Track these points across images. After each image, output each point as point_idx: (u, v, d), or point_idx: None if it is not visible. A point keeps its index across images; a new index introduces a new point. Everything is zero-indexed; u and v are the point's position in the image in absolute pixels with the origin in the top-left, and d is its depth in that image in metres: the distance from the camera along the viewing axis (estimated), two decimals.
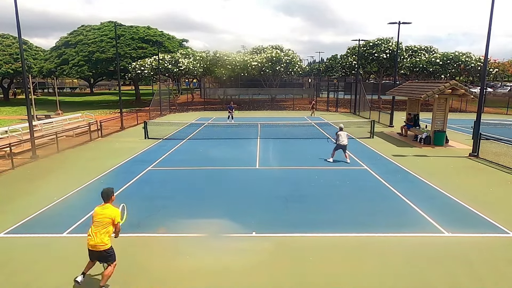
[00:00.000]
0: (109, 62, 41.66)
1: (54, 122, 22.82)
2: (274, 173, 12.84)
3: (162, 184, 11.62)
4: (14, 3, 14.09)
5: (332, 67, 55.30)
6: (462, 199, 9.90)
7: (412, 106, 21.55)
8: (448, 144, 17.80)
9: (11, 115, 34.63)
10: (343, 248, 7.23)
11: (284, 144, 18.38)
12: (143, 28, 46.62)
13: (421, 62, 39.98)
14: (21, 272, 6.40)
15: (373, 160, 14.64)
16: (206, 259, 6.79)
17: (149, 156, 15.55)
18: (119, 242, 7.43)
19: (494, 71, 41.18)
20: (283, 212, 9.13)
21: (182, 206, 9.57)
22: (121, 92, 27.43)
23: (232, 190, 10.95)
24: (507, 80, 62.45)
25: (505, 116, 32.25)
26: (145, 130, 20.26)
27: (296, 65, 39.37)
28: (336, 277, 6.20)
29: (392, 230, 7.98)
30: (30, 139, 15.60)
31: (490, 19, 14.33)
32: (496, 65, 41.59)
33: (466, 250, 7.11)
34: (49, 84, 73.69)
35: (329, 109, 37.56)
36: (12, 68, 46.50)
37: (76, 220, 8.57)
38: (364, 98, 31.27)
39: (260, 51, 47.81)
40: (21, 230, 8.11)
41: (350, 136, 20.66)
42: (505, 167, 13.30)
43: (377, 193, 10.60)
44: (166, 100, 35.81)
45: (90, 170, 13.14)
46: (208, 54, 43.64)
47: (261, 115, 33.02)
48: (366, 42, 40.06)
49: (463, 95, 17.64)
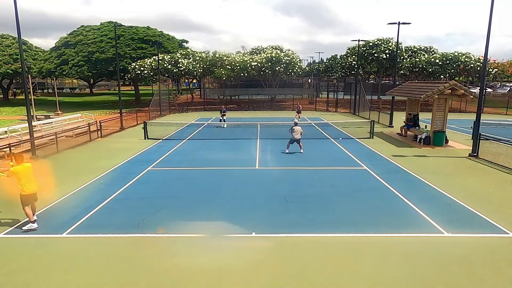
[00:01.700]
0: (108, 62, 41.64)
1: (54, 122, 22.84)
2: (273, 173, 12.84)
3: (161, 185, 11.61)
4: (14, 3, 14.09)
5: (332, 67, 55.35)
6: (461, 199, 9.90)
7: (412, 106, 21.55)
8: (447, 144, 17.81)
9: (11, 116, 34.62)
10: (342, 248, 7.23)
11: (284, 144, 18.35)
12: (142, 29, 46.60)
13: (420, 62, 39.99)
14: (21, 272, 6.40)
15: (373, 160, 14.65)
16: (206, 259, 6.79)
17: (148, 157, 15.55)
18: (119, 242, 7.46)
19: (494, 71, 41.20)
20: (282, 212, 9.12)
21: (182, 207, 9.57)
22: (121, 92, 27.43)
23: (232, 191, 10.94)
24: (507, 81, 62.47)
25: (504, 116, 32.26)
26: (145, 130, 20.25)
27: (296, 65, 39.35)
28: (336, 277, 6.19)
29: (392, 230, 7.99)
30: (29, 140, 15.60)
31: (490, 19, 14.35)
32: (496, 65, 41.63)
33: (466, 250, 7.11)
34: (49, 84, 73.65)
35: (328, 109, 37.58)
36: (12, 69, 46.50)
37: (76, 220, 8.56)
38: (364, 98, 31.28)
39: (259, 51, 47.82)
40: (21, 230, 8.09)
41: (350, 136, 20.72)
42: (505, 167, 13.30)
43: (377, 193, 10.60)
44: (166, 100, 35.77)
45: (89, 170, 13.13)
46: (208, 54, 43.64)
47: (261, 115, 33.02)
48: (366, 42, 40.08)
49: (462, 95, 17.65)
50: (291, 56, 39.66)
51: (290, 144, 16.07)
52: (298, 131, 15.81)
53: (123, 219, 8.67)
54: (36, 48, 54.24)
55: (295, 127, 15.85)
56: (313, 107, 39.00)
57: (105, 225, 8.31)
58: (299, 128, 15.90)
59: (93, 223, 8.47)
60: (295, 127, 15.84)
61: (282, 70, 38.77)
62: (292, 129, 15.89)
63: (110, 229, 8.06)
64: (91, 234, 7.84)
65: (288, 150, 15.94)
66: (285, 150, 16.02)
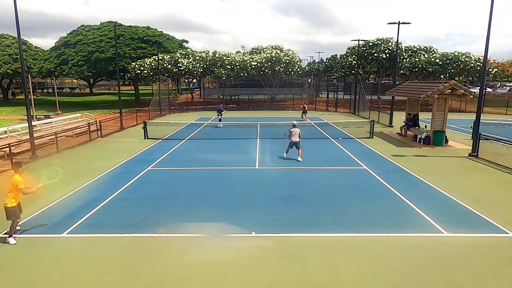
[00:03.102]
0: (108, 62, 41.63)
1: (54, 122, 22.82)
2: (273, 173, 12.84)
3: (161, 184, 11.61)
4: (14, 3, 14.08)
5: (332, 67, 55.30)
6: (461, 199, 9.90)
7: (412, 106, 21.56)
8: (447, 144, 17.82)
9: (11, 115, 34.61)
10: (342, 248, 7.23)
11: (284, 144, 18.34)
12: (142, 28, 46.58)
13: (420, 62, 40.00)
14: (21, 272, 6.40)
15: (373, 160, 14.65)
16: (206, 259, 6.79)
17: (148, 156, 15.55)
18: (119, 242, 7.46)
19: (494, 71, 41.21)
20: (282, 212, 9.13)
21: (182, 206, 9.57)
22: (121, 92, 27.42)
23: (232, 190, 10.95)
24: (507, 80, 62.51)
25: (504, 116, 32.29)
26: (145, 130, 20.25)
27: (295, 65, 39.35)
28: (336, 277, 6.20)
29: (392, 230, 7.99)
30: (29, 139, 15.59)
31: (490, 19, 14.35)
32: (496, 65, 41.64)
33: (466, 250, 7.11)
34: (49, 84, 73.65)
35: (328, 109, 37.58)
36: (12, 69, 46.47)
37: (76, 220, 8.57)
38: (364, 98, 31.29)
39: (259, 51, 47.81)
40: (21, 230, 8.09)
41: (350, 136, 20.72)
42: (505, 167, 13.31)
43: (377, 193, 10.60)
44: (166, 100, 35.76)
45: (89, 170, 13.13)
46: (208, 54, 43.62)
47: (261, 115, 33.02)
48: (366, 42, 40.06)
49: (462, 95, 17.67)
50: (291, 56, 39.65)
51: (290, 148, 14.94)
52: (297, 133, 14.56)
53: (123, 219, 8.67)
54: (36, 48, 54.20)
55: (293, 129, 14.64)
56: (313, 107, 38.98)
57: (105, 225, 8.31)
58: (298, 130, 14.66)
59: (93, 223, 8.47)
60: (293, 129, 14.62)
61: (282, 70, 38.77)
62: (290, 131, 14.67)
63: (110, 229, 8.06)
64: (91, 234, 7.85)
65: (287, 155, 14.92)
66: (283, 155, 15.07)
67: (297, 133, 14.61)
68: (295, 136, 14.56)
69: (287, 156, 14.94)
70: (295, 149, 14.76)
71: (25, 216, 8.77)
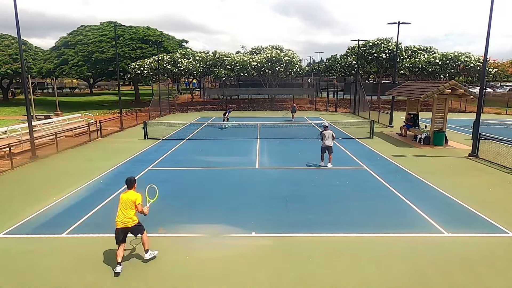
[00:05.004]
0: (108, 62, 41.62)
1: (54, 122, 22.82)
2: (273, 173, 12.84)
3: (161, 185, 11.52)
4: (14, 3, 14.08)
5: (332, 67, 55.30)
6: (461, 199, 9.90)
7: (412, 106, 21.56)
8: (447, 144, 17.82)
9: (11, 115, 34.60)
10: (342, 248, 7.23)
11: (284, 144, 18.38)
12: (142, 28, 46.56)
13: (420, 62, 39.98)
14: (21, 272, 6.40)
15: (373, 160, 14.65)
16: (206, 259, 6.79)
17: (148, 156, 15.55)
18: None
19: (494, 71, 41.20)
20: (282, 212, 9.13)
21: (182, 207, 9.57)
22: (121, 92, 27.42)
23: (232, 190, 10.95)
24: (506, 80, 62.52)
25: (504, 116, 32.29)
26: (145, 130, 20.25)
27: (295, 65, 39.34)
28: (336, 277, 6.20)
29: (392, 230, 8.00)
30: (29, 139, 15.59)
31: (490, 19, 14.35)
32: (496, 65, 41.62)
33: (466, 250, 7.12)
34: (49, 84, 73.60)
35: (328, 109, 37.58)
36: (12, 69, 46.47)
37: (76, 220, 8.57)
38: (364, 98, 31.28)
39: (259, 51, 47.80)
40: (21, 230, 8.10)
41: (350, 136, 20.71)
42: (505, 167, 13.31)
43: (377, 193, 10.60)
44: (166, 100, 35.76)
45: (89, 170, 13.12)
46: (208, 54, 43.61)
47: (261, 115, 33.02)
48: (366, 42, 40.07)
49: (462, 95, 17.66)
50: (291, 56, 39.63)
51: (323, 154, 13.44)
52: (330, 135, 13.14)
53: None
54: (35, 48, 54.21)
55: (325, 131, 13.17)
56: (313, 107, 39.00)
57: (105, 225, 8.29)
58: (331, 132, 13.24)
59: (93, 223, 8.47)
60: (325, 132, 13.15)
61: (282, 70, 38.75)
62: (322, 134, 13.19)
63: (110, 229, 8.00)
64: (91, 234, 7.85)
65: (324, 163, 13.48)
66: (320, 163, 13.54)
67: (331, 136, 13.23)
68: (329, 140, 13.15)
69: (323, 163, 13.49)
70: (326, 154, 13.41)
71: (25, 216, 8.79)
